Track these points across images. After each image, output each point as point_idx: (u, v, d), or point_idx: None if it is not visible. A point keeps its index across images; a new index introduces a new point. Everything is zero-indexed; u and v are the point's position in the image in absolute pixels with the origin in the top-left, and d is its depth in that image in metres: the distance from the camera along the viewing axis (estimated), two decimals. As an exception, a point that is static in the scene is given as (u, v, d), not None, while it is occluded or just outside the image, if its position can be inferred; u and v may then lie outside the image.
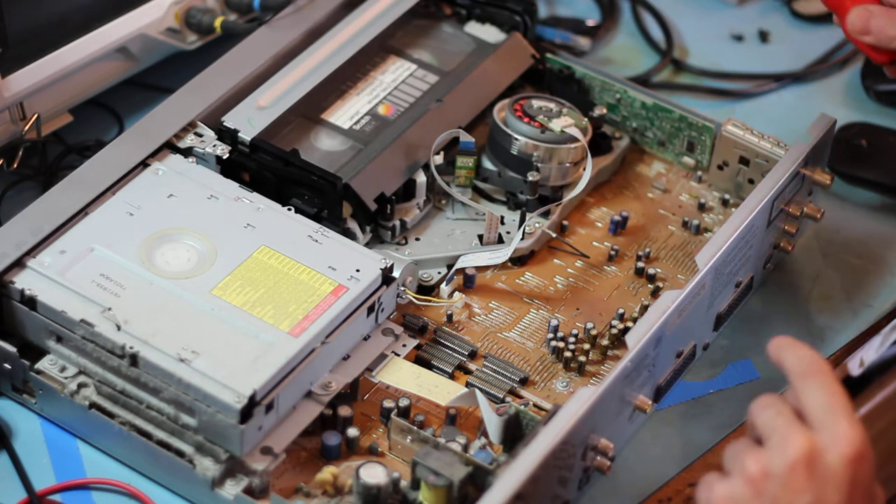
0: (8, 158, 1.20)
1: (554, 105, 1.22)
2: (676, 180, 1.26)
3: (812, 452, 0.88)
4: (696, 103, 1.34)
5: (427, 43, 1.28)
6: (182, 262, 1.07)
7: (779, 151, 1.20)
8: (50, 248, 1.06)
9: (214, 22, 1.26)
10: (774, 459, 0.89)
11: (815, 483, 0.88)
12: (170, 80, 1.27)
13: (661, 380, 1.10)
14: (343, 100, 1.22)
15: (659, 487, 1.08)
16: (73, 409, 1.04)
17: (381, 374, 1.09)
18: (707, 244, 1.10)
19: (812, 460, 0.88)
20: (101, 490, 1.04)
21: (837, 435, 0.89)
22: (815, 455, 0.88)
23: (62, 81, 1.21)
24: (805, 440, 0.89)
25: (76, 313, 1.02)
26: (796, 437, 0.89)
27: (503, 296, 1.17)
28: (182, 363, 1.00)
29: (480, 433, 1.05)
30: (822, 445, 0.89)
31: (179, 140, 1.15)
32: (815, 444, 0.89)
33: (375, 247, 1.16)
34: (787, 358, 0.93)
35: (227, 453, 1.00)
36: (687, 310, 1.07)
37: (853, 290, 1.22)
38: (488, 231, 1.18)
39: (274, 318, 1.04)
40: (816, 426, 0.90)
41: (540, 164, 1.19)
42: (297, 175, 1.14)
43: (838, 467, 0.88)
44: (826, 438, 0.89)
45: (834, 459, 0.88)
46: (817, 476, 0.88)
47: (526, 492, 0.94)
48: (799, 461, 0.88)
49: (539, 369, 1.12)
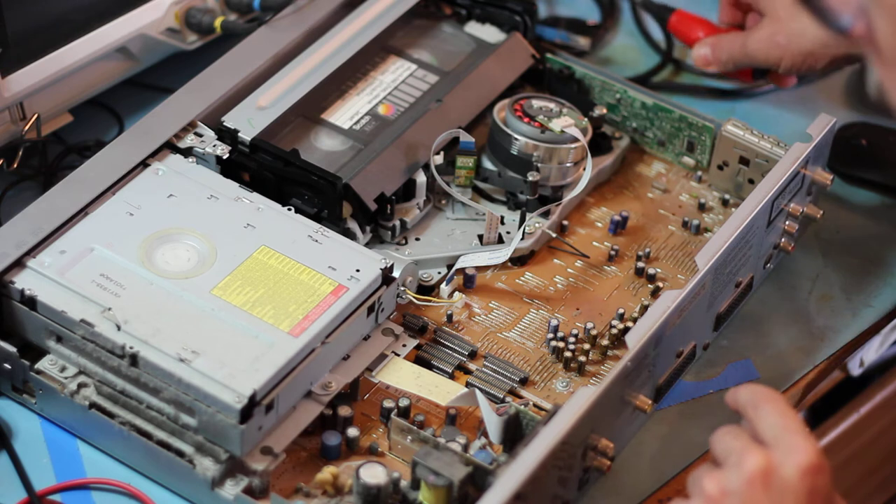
0: (8, 158, 1.20)
1: (554, 105, 1.22)
2: (676, 180, 1.26)
3: (768, 467, 0.90)
4: (696, 103, 1.34)
5: (427, 43, 1.28)
6: (182, 262, 1.07)
7: (779, 151, 1.20)
8: (50, 248, 1.06)
9: (214, 22, 1.26)
10: (731, 478, 0.91)
11: (773, 496, 0.90)
12: (170, 80, 1.27)
13: (661, 380, 1.10)
14: (343, 100, 1.22)
15: (659, 487, 1.08)
16: (73, 409, 1.04)
17: (381, 374, 1.09)
18: (707, 244, 1.10)
19: (768, 475, 0.90)
20: (101, 490, 1.04)
21: (792, 449, 0.91)
22: (771, 469, 0.90)
23: (62, 81, 1.21)
24: (761, 456, 0.91)
25: (76, 313, 1.02)
26: (752, 455, 0.91)
27: (503, 296, 1.17)
28: (182, 363, 1.00)
29: (480, 433, 1.05)
30: (778, 460, 0.90)
31: (179, 140, 1.15)
32: (771, 459, 0.90)
33: (375, 247, 1.16)
34: (739, 396, 0.96)
35: (227, 453, 1.00)
36: (687, 310, 1.07)
37: (853, 290, 1.22)
38: (488, 231, 1.18)
39: (274, 318, 1.04)
40: (772, 444, 0.92)
41: (540, 164, 1.19)
42: (297, 175, 1.14)
43: (795, 479, 0.90)
44: (781, 453, 0.91)
45: (790, 472, 0.90)
46: (774, 489, 0.90)
47: (526, 492, 0.94)
48: (755, 476, 0.90)
49: (539, 369, 1.12)
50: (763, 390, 0.95)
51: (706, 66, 1.30)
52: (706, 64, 1.30)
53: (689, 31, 1.34)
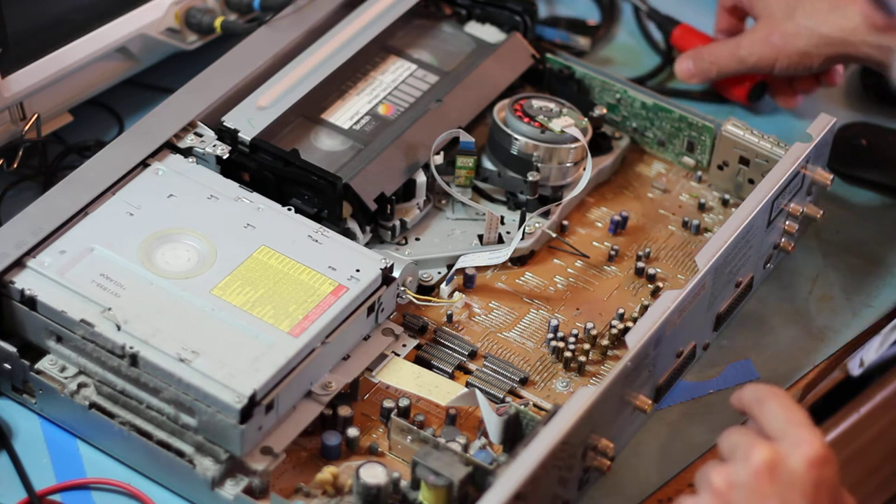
0: (8, 158, 1.20)
1: (554, 105, 1.22)
2: (676, 180, 1.26)
3: (774, 459, 0.91)
4: (697, 103, 1.34)
5: (427, 43, 1.28)
6: (182, 262, 1.07)
7: (779, 151, 1.20)
8: (50, 248, 1.06)
9: (214, 22, 1.26)
10: (738, 471, 0.91)
11: (780, 488, 0.90)
12: (170, 80, 1.27)
13: (661, 380, 1.10)
14: (343, 100, 1.22)
15: (659, 487, 1.08)
16: (73, 409, 1.04)
17: (381, 374, 1.09)
18: (707, 244, 1.10)
19: (775, 466, 0.90)
20: (101, 490, 1.04)
21: (798, 441, 0.91)
22: (777, 461, 0.91)
23: (62, 81, 1.21)
24: (767, 449, 0.91)
25: (76, 313, 1.02)
26: (758, 448, 0.91)
27: (503, 296, 1.17)
28: (182, 363, 1.00)
29: (480, 433, 1.05)
30: (784, 452, 0.91)
31: (179, 140, 1.15)
32: (777, 452, 0.91)
33: (375, 247, 1.16)
34: (744, 396, 0.97)
35: (227, 453, 1.00)
36: (687, 310, 1.07)
37: (853, 290, 1.22)
38: (488, 231, 1.18)
39: (274, 318, 1.04)
40: (778, 437, 0.92)
41: (540, 164, 1.19)
42: (297, 175, 1.14)
43: (801, 471, 0.90)
44: (787, 446, 0.91)
45: (796, 464, 0.90)
46: (781, 481, 0.90)
47: (526, 492, 0.94)
48: (762, 469, 0.90)
49: (539, 369, 1.12)
50: (767, 387, 0.96)
51: (689, 79, 1.31)
52: (689, 76, 1.31)
53: (690, 46, 1.33)
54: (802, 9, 1.24)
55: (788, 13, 1.25)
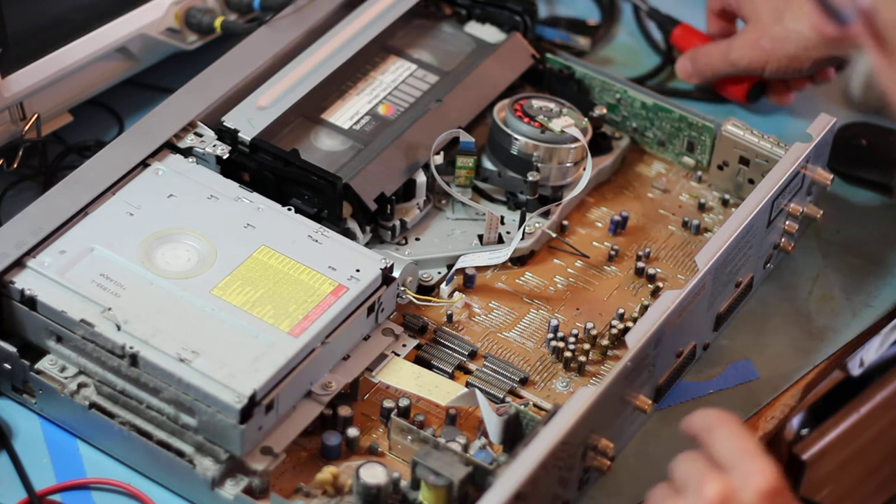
0: (8, 158, 1.20)
1: (554, 105, 1.22)
2: (676, 180, 1.26)
3: (727, 493, 0.90)
4: (697, 103, 1.34)
5: (427, 43, 1.28)
6: (182, 262, 1.07)
7: (779, 151, 1.20)
8: (50, 248, 1.06)
9: (214, 22, 1.26)
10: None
11: None
12: (170, 80, 1.27)
13: (661, 380, 1.10)
14: (343, 100, 1.22)
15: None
16: (73, 409, 1.04)
17: (381, 374, 1.09)
18: (707, 244, 1.10)
19: (728, 501, 0.90)
20: (101, 490, 1.04)
21: (750, 472, 0.90)
22: (730, 495, 0.90)
23: (62, 81, 1.21)
24: (719, 482, 0.90)
25: (76, 313, 1.02)
26: (711, 481, 0.90)
27: (503, 296, 1.17)
28: (182, 363, 1.00)
29: (480, 433, 1.05)
30: (736, 484, 0.90)
31: (179, 140, 1.15)
32: (729, 485, 0.90)
33: (375, 247, 1.16)
34: (693, 422, 0.95)
35: (227, 453, 1.00)
36: (687, 310, 1.07)
37: (853, 290, 1.22)
38: (488, 231, 1.18)
39: (274, 318, 1.04)
40: (729, 468, 0.91)
41: (540, 164, 1.19)
42: (297, 175, 1.14)
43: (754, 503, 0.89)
44: (739, 478, 0.90)
45: (749, 496, 0.90)
46: None
47: (526, 492, 0.94)
48: (715, 503, 0.89)
49: (539, 369, 1.12)
50: (716, 413, 0.94)
51: (688, 79, 1.32)
52: (688, 76, 1.32)
53: (690, 46, 1.34)
54: (791, 12, 1.24)
55: (777, 17, 1.25)
